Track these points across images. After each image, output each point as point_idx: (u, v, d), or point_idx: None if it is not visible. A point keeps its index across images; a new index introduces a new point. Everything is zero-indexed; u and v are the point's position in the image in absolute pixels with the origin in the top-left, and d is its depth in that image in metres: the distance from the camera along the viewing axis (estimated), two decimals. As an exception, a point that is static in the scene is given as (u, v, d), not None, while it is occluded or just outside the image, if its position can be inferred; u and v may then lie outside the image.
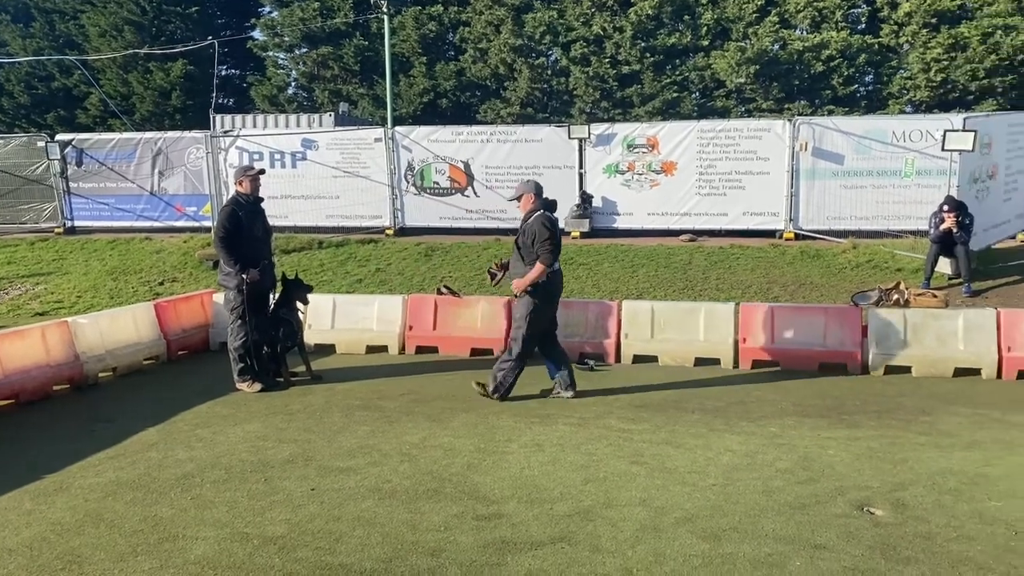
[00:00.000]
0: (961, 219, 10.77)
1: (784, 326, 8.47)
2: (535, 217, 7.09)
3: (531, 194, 7.21)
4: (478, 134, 15.77)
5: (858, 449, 5.87)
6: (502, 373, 7.26)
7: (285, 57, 28.14)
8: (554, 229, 7.05)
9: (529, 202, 7.20)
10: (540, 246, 6.96)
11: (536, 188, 7.29)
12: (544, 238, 6.94)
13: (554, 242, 6.99)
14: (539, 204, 7.18)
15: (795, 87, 21.90)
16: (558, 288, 7.35)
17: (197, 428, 6.60)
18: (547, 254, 6.94)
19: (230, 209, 7.75)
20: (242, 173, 7.97)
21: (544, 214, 7.12)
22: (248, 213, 7.77)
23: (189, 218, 16.76)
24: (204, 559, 4.27)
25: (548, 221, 7.07)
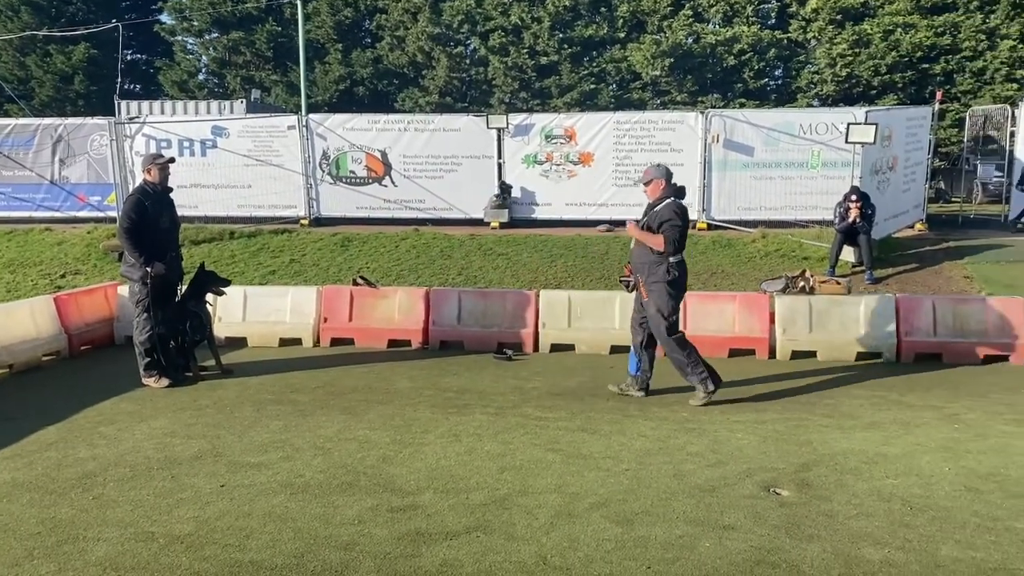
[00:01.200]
0: (864, 209, 11.22)
1: (696, 313, 8.66)
2: (666, 204, 6.70)
3: (662, 180, 6.78)
4: (395, 123, 15.62)
5: (765, 432, 6.05)
6: (692, 375, 6.79)
7: (194, 42, 27.29)
8: (686, 218, 6.71)
9: (659, 188, 6.78)
10: (669, 231, 6.59)
11: (667, 174, 6.86)
12: (668, 219, 6.58)
13: (681, 229, 6.61)
14: (669, 191, 6.77)
15: (708, 80, 22.40)
16: (686, 277, 6.94)
17: (100, 425, 6.34)
18: (673, 241, 6.57)
19: (136, 199, 7.46)
20: (150, 161, 7.67)
21: (676, 202, 6.74)
22: (155, 203, 7.49)
23: (93, 208, 16.10)
24: (106, 560, 4.11)
25: (679, 209, 6.69)
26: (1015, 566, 3.97)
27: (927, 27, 20.64)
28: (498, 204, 14.94)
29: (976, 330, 8.35)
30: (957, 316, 8.43)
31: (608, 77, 23.52)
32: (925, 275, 11.71)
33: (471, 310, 9.20)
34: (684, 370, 6.85)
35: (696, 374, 6.77)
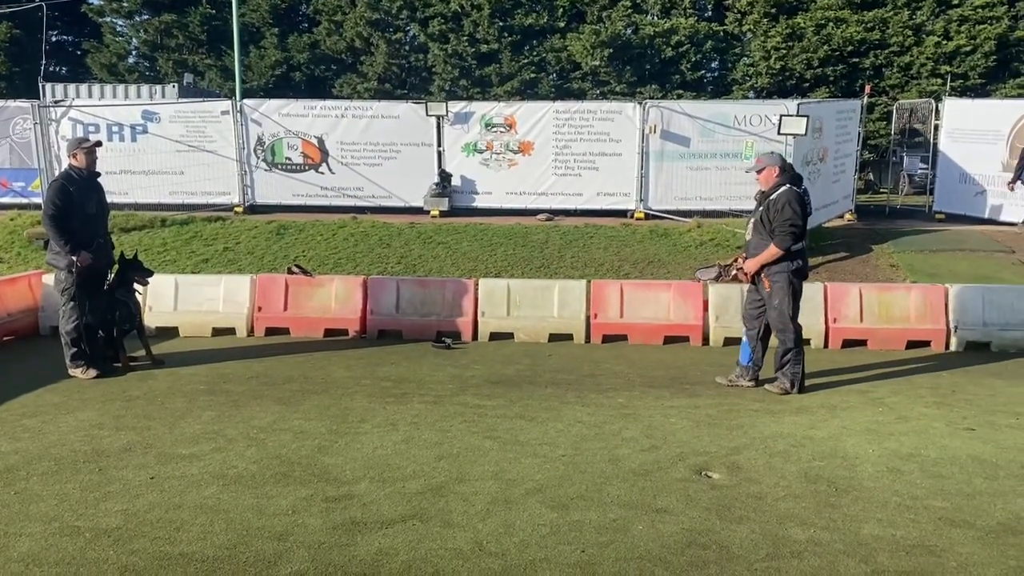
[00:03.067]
0: None
1: (633, 302, 8.78)
2: (783, 191, 6.51)
3: (775, 167, 6.62)
4: (332, 109, 15.39)
5: (698, 416, 6.18)
6: (789, 367, 6.73)
7: (124, 24, 26.41)
8: (804, 208, 6.51)
9: (772, 175, 6.61)
10: (780, 226, 6.45)
11: (781, 161, 6.72)
12: (786, 218, 6.41)
13: (800, 222, 6.44)
14: (786, 178, 6.58)
15: (646, 71, 22.59)
16: (807, 266, 6.84)
17: (24, 418, 6.13)
18: (785, 236, 6.42)
19: (60, 184, 7.21)
20: (76, 145, 7.42)
21: (793, 189, 6.53)
22: (81, 189, 7.25)
23: (16, 194, 15.50)
24: (29, 556, 3.99)
25: (798, 198, 6.48)
26: (932, 543, 4.14)
27: (857, 22, 21.17)
28: (438, 192, 14.87)
29: (900, 316, 8.65)
30: (883, 303, 8.71)
31: (548, 66, 23.53)
32: (853, 264, 12.07)
33: (410, 299, 9.16)
34: (784, 358, 6.74)
35: (792, 370, 6.73)
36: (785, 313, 6.62)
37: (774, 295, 6.66)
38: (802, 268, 6.68)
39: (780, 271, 6.59)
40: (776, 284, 6.62)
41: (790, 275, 6.58)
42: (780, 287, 6.61)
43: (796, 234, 6.45)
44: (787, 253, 6.50)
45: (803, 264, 6.68)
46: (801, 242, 6.59)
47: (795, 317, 6.71)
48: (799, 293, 6.74)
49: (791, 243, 6.46)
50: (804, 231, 6.55)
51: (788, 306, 6.61)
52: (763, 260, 6.60)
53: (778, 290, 6.62)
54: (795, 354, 6.69)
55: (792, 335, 6.64)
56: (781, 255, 6.50)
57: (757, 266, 6.66)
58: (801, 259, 6.64)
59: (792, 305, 6.64)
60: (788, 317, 6.63)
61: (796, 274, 6.61)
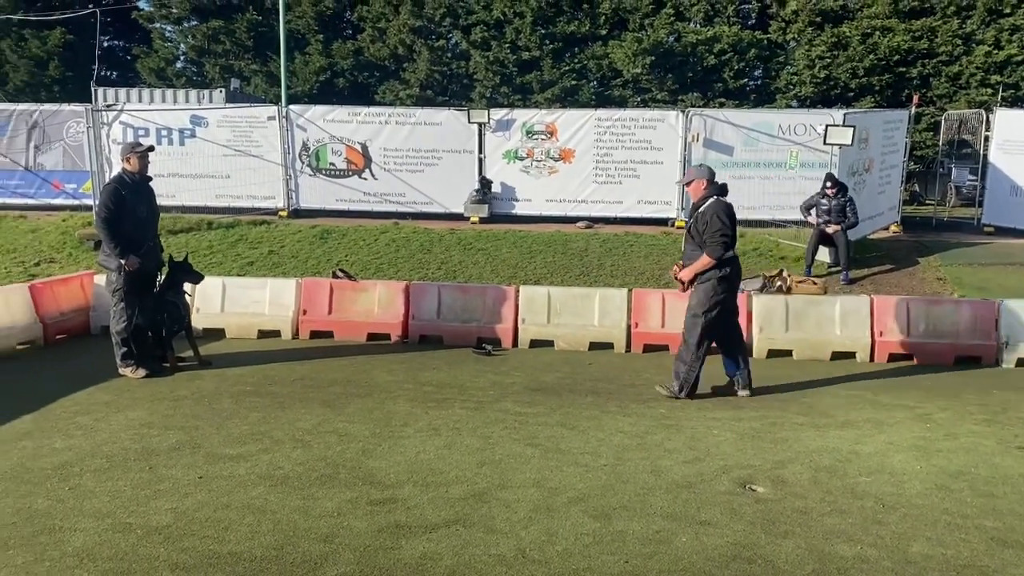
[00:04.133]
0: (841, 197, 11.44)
1: (675, 311, 8.70)
2: (710, 203, 6.73)
3: (703, 180, 6.86)
4: (376, 115, 15.56)
5: (742, 429, 6.13)
6: (684, 368, 6.90)
7: (173, 30, 26.92)
8: (731, 216, 6.70)
9: (701, 188, 6.84)
10: (711, 236, 6.64)
11: (709, 173, 6.93)
12: (716, 228, 6.60)
13: (728, 233, 6.63)
14: (712, 190, 6.81)
15: (688, 79, 22.48)
16: (738, 275, 6.99)
17: (76, 416, 6.29)
18: (716, 246, 6.62)
19: (113, 187, 7.39)
20: (129, 150, 7.59)
21: (720, 201, 6.75)
22: (133, 192, 7.42)
23: (68, 195, 15.92)
24: (83, 551, 4.09)
25: (726, 209, 6.70)
26: (984, 563, 4.06)
27: (904, 31, 20.87)
28: (478, 199, 14.94)
29: (949, 331, 8.49)
30: (930, 317, 8.56)
31: (589, 74, 23.54)
32: (899, 276, 11.88)
33: (451, 305, 9.21)
34: (682, 364, 6.91)
35: (685, 374, 6.88)
36: (698, 314, 6.81)
37: (693, 297, 6.91)
38: (729, 276, 6.82)
39: (707, 278, 6.79)
40: (700, 287, 6.83)
41: (715, 281, 6.75)
42: (702, 290, 6.81)
43: (727, 243, 6.65)
44: (721, 261, 6.71)
45: (731, 273, 6.83)
46: (732, 251, 6.79)
47: (712, 324, 6.82)
48: (727, 301, 6.89)
49: (723, 252, 6.66)
50: (734, 240, 6.75)
51: (703, 310, 6.78)
52: (696, 269, 6.79)
53: (699, 292, 6.84)
54: (693, 358, 6.87)
55: (695, 339, 6.83)
56: (713, 264, 6.70)
57: (691, 275, 6.84)
58: (730, 267, 6.80)
59: (708, 309, 6.78)
60: (700, 320, 6.80)
61: (721, 281, 6.77)
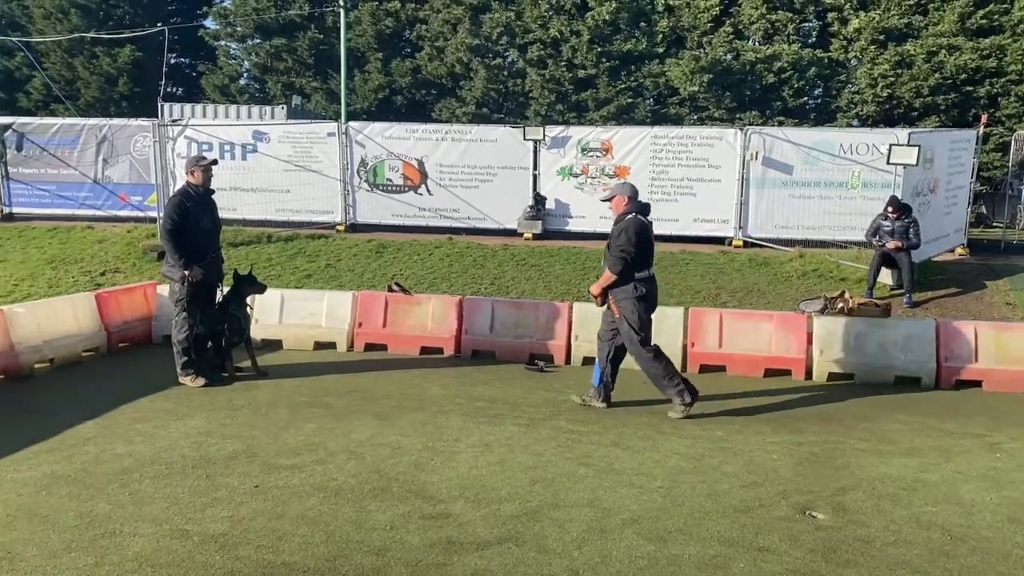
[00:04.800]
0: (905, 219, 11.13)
1: (732, 331, 8.58)
2: (627, 220, 6.79)
3: (624, 196, 6.93)
4: (433, 132, 15.70)
5: (801, 454, 5.97)
6: (666, 382, 6.90)
7: (237, 47, 27.64)
8: (639, 235, 6.72)
9: (621, 204, 6.91)
10: (614, 252, 6.74)
11: (631, 191, 7.00)
12: (619, 244, 6.69)
13: (632, 250, 6.65)
14: (632, 207, 6.88)
15: (747, 97, 22.24)
16: (655, 297, 7.04)
17: (137, 422, 6.42)
18: (615, 261, 6.70)
19: (178, 200, 7.57)
20: (194, 163, 7.78)
21: (636, 218, 6.80)
22: (197, 204, 7.60)
23: (134, 207, 16.36)
24: (142, 556, 4.15)
25: (636, 227, 6.74)
26: (1060, 601, 3.87)
27: (972, 49, 20.33)
28: (532, 215, 14.95)
29: (1019, 358, 8.17)
30: (1000, 343, 8.26)
31: (645, 91, 23.44)
32: (966, 300, 11.51)
33: (504, 320, 9.20)
34: (661, 383, 6.96)
35: (673, 386, 6.88)
36: (634, 339, 6.86)
37: (621, 321, 6.91)
38: (645, 296, 6.85)
39: (625, 297, 6.82)
40: (623, 310, 6.86)
41: (634, 300, 6.80)
42: (627, 312, 6.84)
43: (626, 260, 6.69)
44: (629, 279, 6.76)
45: (647, 292, 6.86)
46: (646, 271, 6.84)
47: (646, 341, 6.90)
48: (647, 317, 6.93)
49: (620, 268, 6.71)
50: (639, 259, 6.76)
51: (636, 335, 6.83)
52: (601, 284, 6.90)
53: (624, 317, 6.86)
54: (664, 371, 6.89)
55: (647, 356, 6.89)
56: (620, 280, 6.77)
57: (598, 289, 6.94)
58: (645, 287, 6.83)
59: (640, 330, 6.83)
60: (637, 342, 6.85)
61: (639, 301, 6.82)
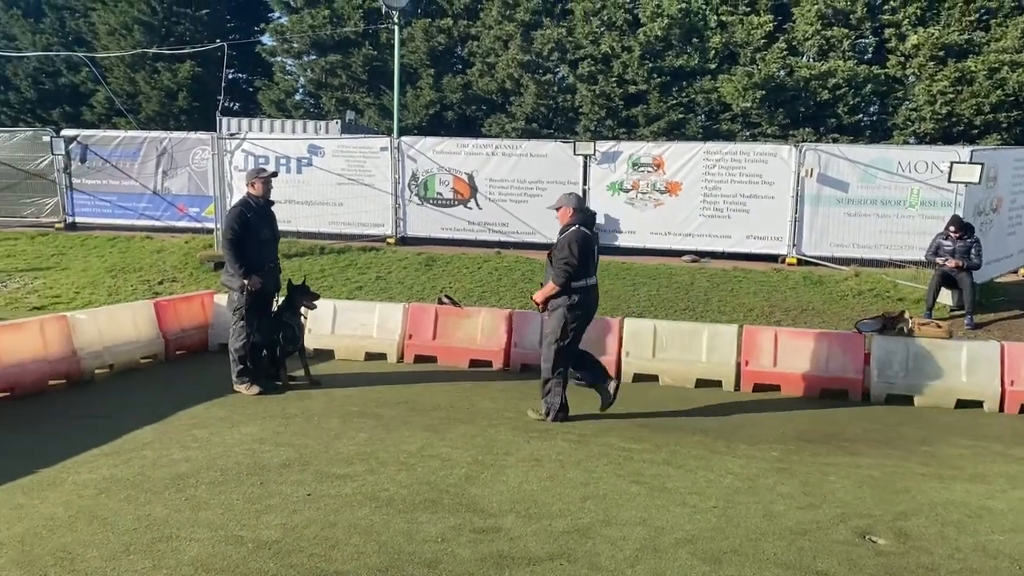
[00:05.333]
0: (967, 239, 10.82)
1: (787, 350, 8.42)
2: (570, 232, 6.93)
3: (570, 207, 7.06)
4: (483, 147, 15.78)
5: (860, 477, 5.82)
6: (549, 395, 7.09)
7: (293, 63, 28.13)
8: (583, 247, 6.83)
9: (567, 215, 7.04)
10: (558, 263, 6.84)
11: (576, 201, 7.14)
12: (562, 256, 6.81)
13: (575, 261, 6.77)
14: (577, 219, 7.00)
15: (800, 114, 21.94)
16: (593, 306, 7.15)
17: (193, 428, 6.53)
18: (558, 272, 6.81)
19: (239, 210, 7.71)
20: (254, 175, 7.93)
21: (579, 230, 6.92)
22: (257, 215, 7.74)
23: (191, 219, 16.72)
24: (198, 561, 4.20)
25: (579, 239, 6.85)
26: None
27: (1036, 66, 19.85)
28: (582, 230, 14.89)
29: (1089, 383, 7.88)
30: (1068, 367, 7.97)
31: (697, 107, 23.26)
32: (1030, 323, 11.15)
33: (554, 335, 9.14)
34: (544, 387, 7.11)
35: (552, 396, 7.06)
36: (551, 341, 6.99)
37: (547, 324, 7.13)
38: (580, 305, 6.94)
39: (559, 304, 6.95)
40: (553, 315, 7.00)
41: (565, 309, 6.91)
42: (555, 318, 6.97)
43: (569, 272, 6.80)
44: (567, 289, 6.86)
45: (581, 300, 6.94)
46: (584, 280, 6.91)
47: (566, 351, 6.99)
48: (578, 329, 7.04)
49: (564, 279, 6.83)
50: (581, 270, 6.85)
51: (555, 337, 6.94)
52: (545, 293, 7.01)
53: (552, 321, 7.01)
54: (555, 384, 7.03)
55: (550, 364, 6.99)
56: (560, 290, 6.88)
57: (542, 298, 7.06)
58: (580, 296, 6.92)
59: (560, 337, 6.93)
60: (552, 345, 6.97)
61: (571, 309, 6.92)
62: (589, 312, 7.12)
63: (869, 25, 22.23)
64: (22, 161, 17.51)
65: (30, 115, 27.92)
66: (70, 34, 28.12)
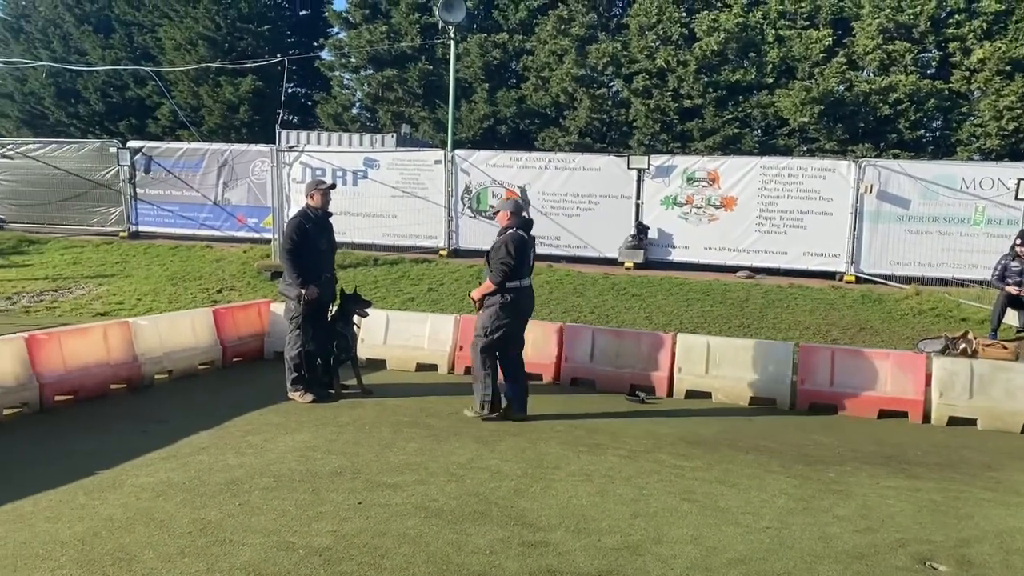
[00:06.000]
0: None
1: (845, 369, 8.24)
2: (508, 234, 7.27)
3: (507, 211, 7.44)
4: (536, 160, 15.82)
5: (920, 501, 5.65)
6: (480, 387, 7.38)
7: (351, 77, 28.61)
8: (519, 248, 7.18)
9: (505, 218, 7.41)
10: (495, 263, 7.17)
11: (514, 206, 7.53)
12: (499, 257, 7.15)
13: (512, 262, 7.10)
14: (515, 222, 7.36)
15: (860, 129, 21.55)
16: (526, 307, 7.48)
17: (248, 434, 6.64)
18: (496, 272, 7.15)
19: (298, 221, 7.86)
20: (314, 187, 8.09)
21: (516, 232, 7.28)
22: (315, 226, 7.89)
23: (250, 229, 17.08)
24: (250, 565, 4.26)
25: (515, 241, 7.20)
26: None
27: (1109, 80, 19.20)
28: (633, 244, 14.83)
29: None
30: None
31: (753, 122, 23.02)
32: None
33: (604, 349, 9.10)
34: (476, 384, 7.40)
35: (483, 393, 7.33)
36: (480, 337, 7.29)
37: (479, 319, 7.40)
38: (512, 304, 7.25)
39: (492, 303, 7.28)
40: (484, 312, 7.33)
41: (498, 307, 7.22)
42: (486, 315, 7.30)
43: (506, 271, 7.10)
44: (502, 288, 7.18)
45: (514, 300, 7.25)
46: (518, 281, 7.21)
47: (492, 347, 7.29)
48: (511, 327, 7.33)
49: (501, 278, 7.14)
50: (518, 271, 7.16)
51: (483, 333, 7.26)
52: (482, 291, 7.34)
53: (482, 318, 7.34)
54: (482, 377, 7.32)
55: (478, 360, 7.32)
56: (496, 288, 7.20)
57: (479, 296, 7.38)
58: (513, 295, 7.23)
59: (489, 334, 7.25)
60: (481, 340, 7.27)
61: (504, 308, 7.22)
62: (521, 312, 7.43)
63: (933, 39, 21.73)
64: (90, 172, 18.13)
65: (98, 127, 28.87)
66: (138, 49, 29.03)
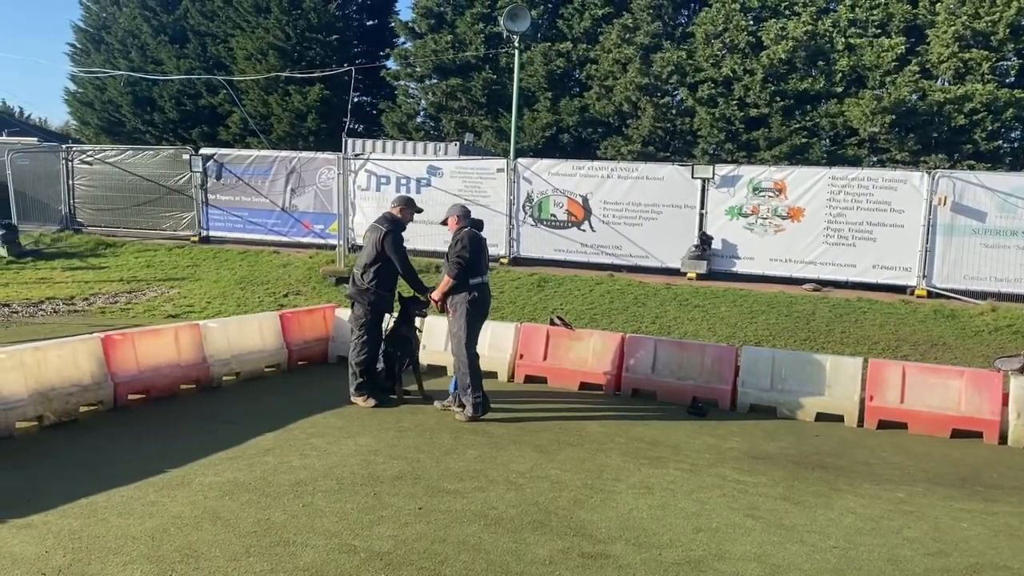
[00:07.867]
0: None
1: (916, 386, 7.98)
2: (462, 233, 7.54)
3: (455, 216, 7.74)
4: (599, 169, 15.76)
5: (996, 525, 5.44)
6: (470, 391, 7.45)
7: (416, 87, 28.96)
8: (473, 243, 7.47)
9: (455, 223, 7.71)
10: (451, 258, 7.42)
11: (462, 211, 7.80)
12: (455, 251, 7.40)
13: (467, 255, 7.35)
14: (465, 223, 7.66)
15: (933, 139, 20.93)
16: (488, 303, 7.75)
17: (312, 437, 6.75)
18: (451, 266, 7.39)
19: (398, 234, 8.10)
20: (405, 203, 8.36)
21: (470, 231, 7.59)
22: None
23: (316, 235, 17.38)
24: (313, 566, 4.32)
25: (470, 235, 7.51)
26: None
27: None
28: (696, 255, 14.64)
29: None
30: None
31: (821, 132, 22.54)
32: None
33: (666, 360, 9.00)
34: (464, 388, 7.48)
35: (472, 396, 7.43)
36: (461, 341, 7.44)
37: (453, 323, 7.56)
38: (478, 301, 7.49)
39: (460, 301, 7.45)
40: (456, 312, 7.48)
41: (468, 304, 7.41)
42: (459, 315, 7.45)
43: (462, 264, 7.35)
44: (466, 285, 7.40)
45: (480, 296, 7.51)
46: (480, 278, 7.51)
47: (470, 345, 7.49)
48: (476, 324, 7.58)
49: (457, 271, 7.37)
50: (473, 266, 7.43)
51: (464, 334, 7.42)
52: (442, 289, 7.52)
53: (456, 318, 7.48)
54: (472, 378, 7.43)
55: (465, 361, 7.42)
56: (457, 285, 7.40)
57: (439, 294, 7.55)
58: (479, 292, 7.49)
59: (468, 333, 7.46)
60: (464, 345, 7.42)
61: (472, 304, 7.43)
62: (485, 308, 7.70)
63: (1012, 47, 21.01)
64: (164, 177, 18.71)
65: (172, 135, 29.81)
66: (210, 59, 29.89)
